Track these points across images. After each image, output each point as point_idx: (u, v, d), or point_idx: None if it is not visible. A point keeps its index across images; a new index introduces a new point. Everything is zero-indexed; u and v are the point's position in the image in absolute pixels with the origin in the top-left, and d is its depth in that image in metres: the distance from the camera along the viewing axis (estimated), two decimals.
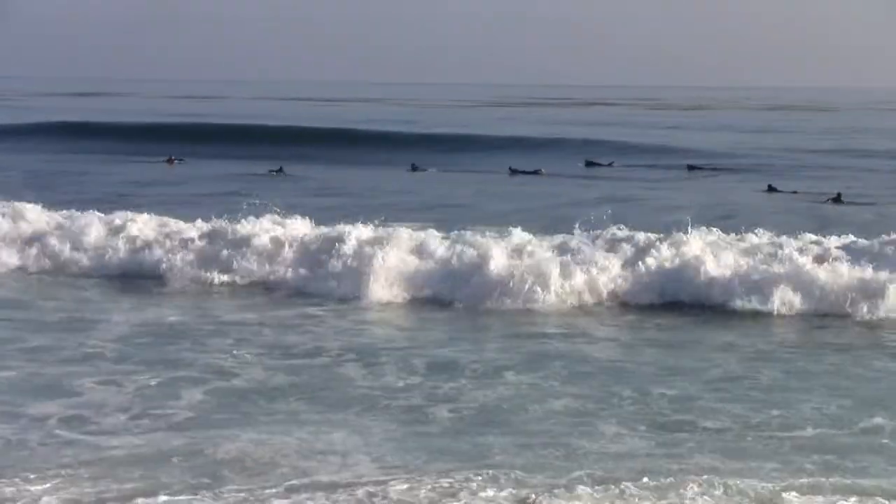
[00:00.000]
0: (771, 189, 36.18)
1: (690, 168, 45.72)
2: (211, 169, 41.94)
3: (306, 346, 14.79)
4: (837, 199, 32.48)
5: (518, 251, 18.71)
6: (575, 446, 10.68)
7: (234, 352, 14.34)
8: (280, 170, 40.16)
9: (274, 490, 9.50)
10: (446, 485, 9.55)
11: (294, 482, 9.67)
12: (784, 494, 9.40)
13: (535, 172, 41.86)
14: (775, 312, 16.93)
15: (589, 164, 46.47)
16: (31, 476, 9.72)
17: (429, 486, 9.51)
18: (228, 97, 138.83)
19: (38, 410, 11.73)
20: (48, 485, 9.51)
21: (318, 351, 14.53)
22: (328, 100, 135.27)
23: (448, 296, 17.68)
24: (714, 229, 19.96)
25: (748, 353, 14.68)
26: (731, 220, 27.48)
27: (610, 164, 46.40)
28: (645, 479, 9.65)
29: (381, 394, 12.53)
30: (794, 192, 35.59)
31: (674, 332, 16.19)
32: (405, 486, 9.51)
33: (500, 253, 18.40)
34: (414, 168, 42.98)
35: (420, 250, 18.97)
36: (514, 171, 42.30)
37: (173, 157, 44.47)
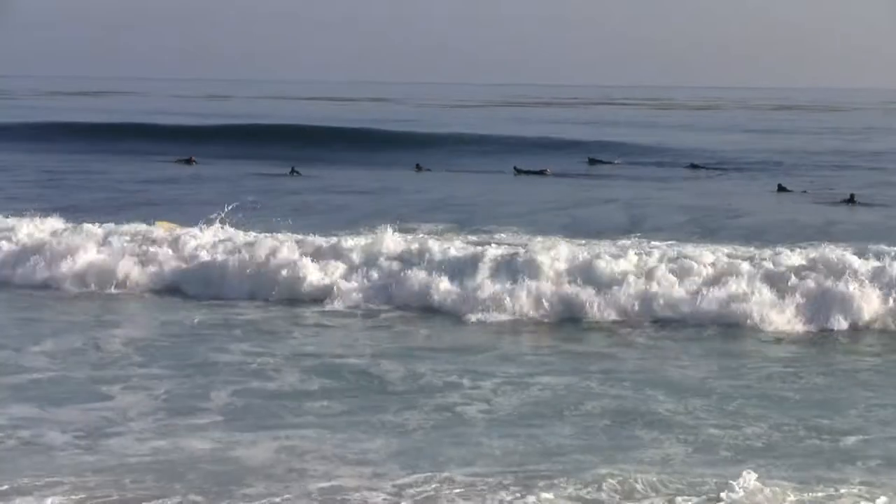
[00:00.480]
0: (781, 189, 36.02)
1: (694, 167, 45.91)
2: (228, 169, 41.98)
3: (335, 351, 14.70)
4: (851, 200, 32.21)
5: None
6: (608, 451, 10.60)
7: (263, 354, 14.26)
8: (293, 170, 40.36)
9: (291, 496, 9.39)
10: (474, 489, 9.48)
11: (317, 486, 9.58)
12: (829, 502, 9.34)
13: (541, 172, 41.96)
14: (800, 329, 16.45)
15: (592, 161, 47.23)
16: (44, 482, 9.60)
17: (456, 491, 9.44)
18: (231, 97, 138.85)
19: (64, 415, 11.65)
20: (58, 494, 9.36)
21: (348, 353, 14.46)
22: (329, 98, 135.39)
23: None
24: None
25: (781, 363, 14.47)
26: (743, 223, 27.56)
27: (612, 162, 47.12)
28: (680, 485, 9.56)
29: (415, 395, 12.47)
30: (804, 192, 35.46)
31: (704, 342, 15.87)
32: (432, 489, 9.47)
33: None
34: (418, 168, 42.97)
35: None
36: (519, 171, 42.37)
37: (193, 158, 44.68)
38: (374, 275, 18.28)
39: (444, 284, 17.67)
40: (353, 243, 19.35)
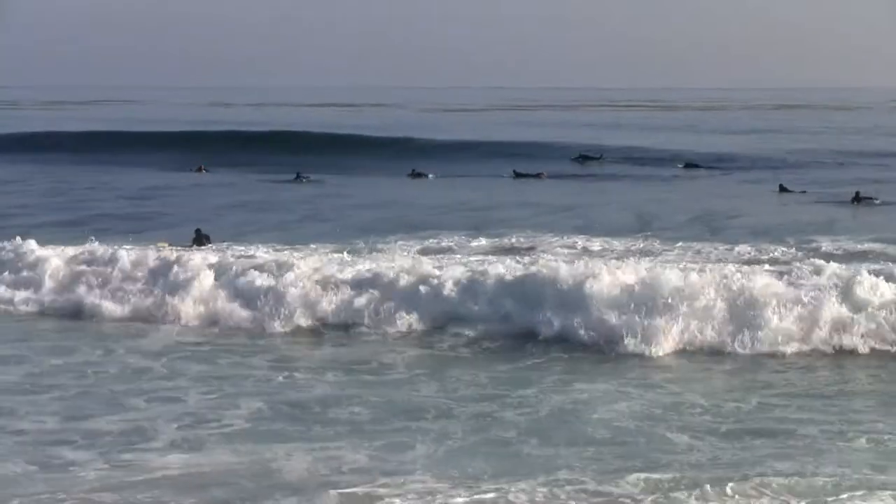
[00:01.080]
0: (782, 189, 36.03)
1: (690, 166, 46.20)
2: (236, 177, 42.23)
3: (371, 364, 14.62)
4: (856, 199, 32.15)
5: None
6: (643, 453, 10.72)
7: (289, 367, 14.28)
8: (298, 176, 40.69)
9: None
10: (509, 497, 9.55)
11: (347, 494, 9.62)
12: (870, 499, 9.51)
13: (537, 176, 42.39)
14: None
15: (584, 157, 49.28)
16: (47, 498, 9.54)
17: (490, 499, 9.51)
18: (233, 104, 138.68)
19: (91, 427, 11.72)
20: None
21: (382, 368, 14.42)
22: (330, 105, 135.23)
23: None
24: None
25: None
26: (747, 223, 27.59)
27: (600, 157, 49.23)
28: (716, 486, 9.67)
29: (450, 403, 12.51)
30: (803, 192, 35.52)
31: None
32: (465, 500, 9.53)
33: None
34: (415, 174, 43.10)
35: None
36: (517, 175, 42.67)
37: (202, 166, 45.05)
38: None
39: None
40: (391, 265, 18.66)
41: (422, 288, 17.29)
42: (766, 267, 18.64)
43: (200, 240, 22.94)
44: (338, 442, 11.15)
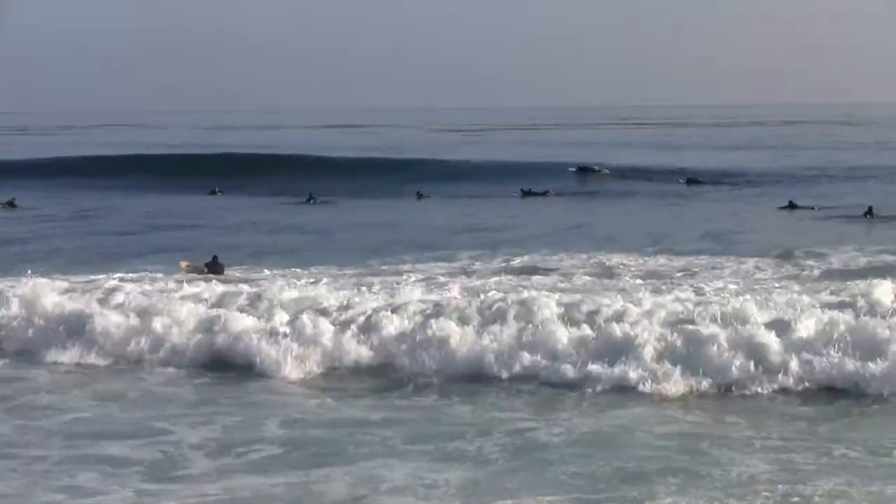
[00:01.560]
0: (792, 206, 35.78)
1: (690, 182, 46.24)
2: (249, 199, 42.32)
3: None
4: (869, 214, 32.18)
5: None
6: (684, 471, 10.76)
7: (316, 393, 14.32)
8: (310, 198, 40.90)
9: None
10: None
11: None
12: None
13: (544, 194, 42.57)
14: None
15: (581, 169, 50.00)
16: None
17: None
18: (239, 128, 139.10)
19: (119, 454, 11.69)
20: None
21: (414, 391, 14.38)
22: (342, 126, 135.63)
23: None
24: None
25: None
26: (757, 239, 27.52)
27: (599, 171, 49.83)
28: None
29: (483, 426, 12.44)
30: (813, 208, 35.40)
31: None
32: None
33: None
34: (419, 196, 43.11)
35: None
36: (525, 193, 42.80)
37: (217, 189, 45.44)
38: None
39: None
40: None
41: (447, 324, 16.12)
42: (796, 288, 18.41)
43: (215, 268, 22.99)
44: (374, 462, 11.14)
